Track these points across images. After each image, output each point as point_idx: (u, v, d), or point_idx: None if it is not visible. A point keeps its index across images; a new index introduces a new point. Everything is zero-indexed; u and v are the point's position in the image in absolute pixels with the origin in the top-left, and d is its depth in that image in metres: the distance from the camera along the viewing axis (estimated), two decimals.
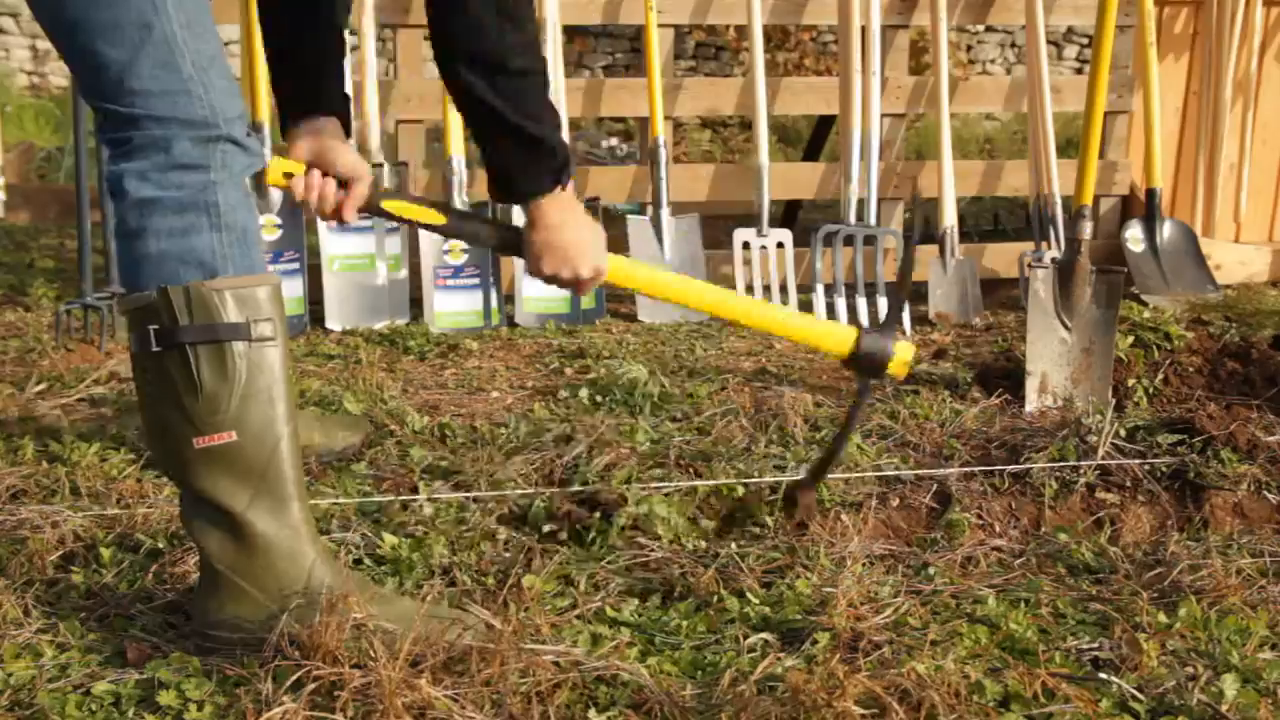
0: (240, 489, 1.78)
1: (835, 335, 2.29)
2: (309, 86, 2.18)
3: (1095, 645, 1.89)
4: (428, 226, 2.20)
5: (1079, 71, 10.56)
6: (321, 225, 4.01)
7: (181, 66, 1.75)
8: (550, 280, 2.18)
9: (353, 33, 4.12)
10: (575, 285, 2.18)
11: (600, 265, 2.17)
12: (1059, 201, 4.43)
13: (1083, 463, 2.52)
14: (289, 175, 2.11)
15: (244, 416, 1.77)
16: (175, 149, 1.76)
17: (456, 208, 2.27)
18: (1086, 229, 3.21)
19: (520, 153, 2.04)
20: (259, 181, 2.34)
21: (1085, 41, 10.79)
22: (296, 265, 4.00)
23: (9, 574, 2.02)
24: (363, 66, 4.11)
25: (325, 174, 2.11)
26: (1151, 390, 3.15)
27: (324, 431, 2.64)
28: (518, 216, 2.19)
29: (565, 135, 2.05)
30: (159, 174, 1.76)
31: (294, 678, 1.64)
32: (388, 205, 2.19)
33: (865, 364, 2.27)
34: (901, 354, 2.26)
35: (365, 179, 2.13)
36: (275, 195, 3.93)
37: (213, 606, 1.82)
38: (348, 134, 2.19)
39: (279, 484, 1.80)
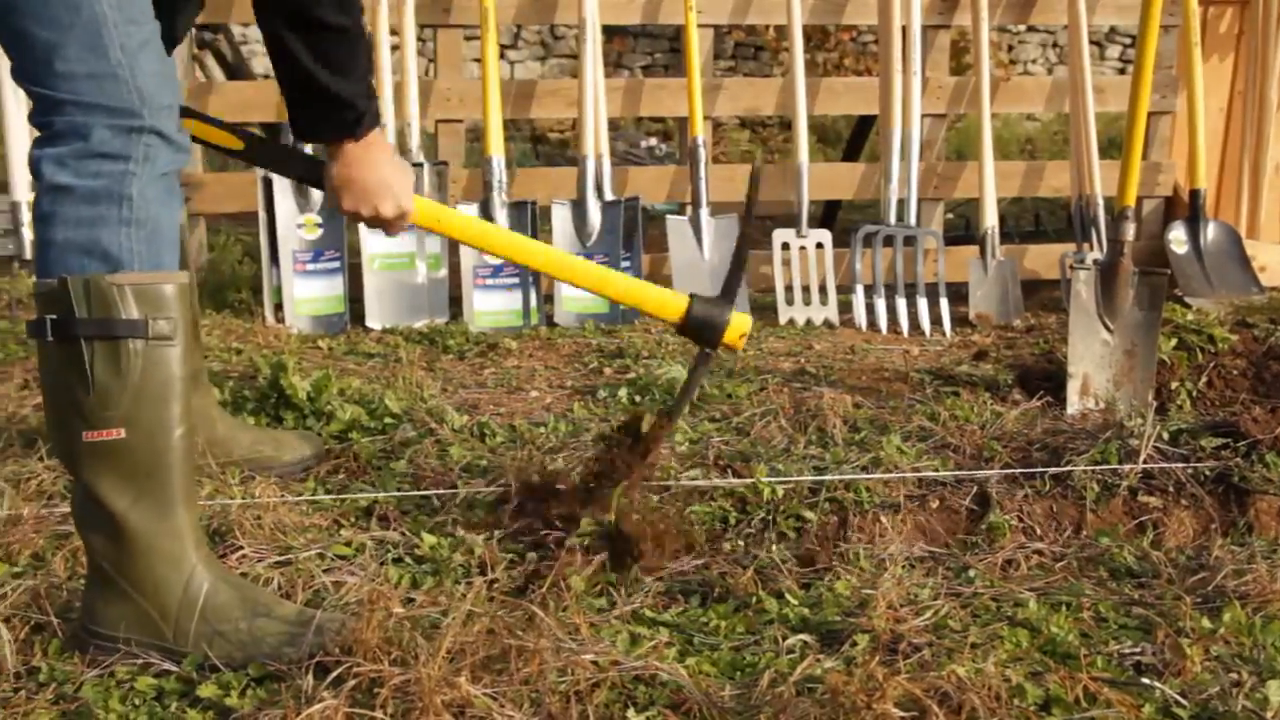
0: (125, 487, 1.76)
1: (665, 302, 2.24)
2: None
3: (1138, 650, 1.87)
4: (226, 151, 2.17)
5: (1121, 72, 10.49)
6: (362, 225, 4.02)
7: (109, 50, 1.71)
8: (353, 217, 2.17)
9: (394, 33, 4.15)
10: (380, 224, 2.18)
11: (404, 205, 2.16)
12: (1101, 202, 4.40)
13: (1125, 466, 2.50)
14: None
15: (135, 415, 1.74)
16: (94, 137, 1.72)
17: (256, 135, 2.25)
18: (1129, 230, 3.19)
19: (313, 103, 2.02)
20: None
21: (1128, 41, 10.71)
22: (337, 264, 4.02)
23: (53, 570, 2.04)
24: (403, 66, 4.13)
25: None
26: (1195, 393, 3.13)
27: (275, 445, 2.62)
28: None
29: (371, 91, 2.06)
30: (76, 161, 1.72)
31: (334, 674, 1.65)
32: (187, 125, 2.11)
33: (699, 332, 2.23)
34: (738, 325, 2.22)
35: None
36: (315, 195, 3.95)
37: (97, 604, 1.81)
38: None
39: (165, 486, 1.78)
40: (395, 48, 4.16)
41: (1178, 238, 4.56)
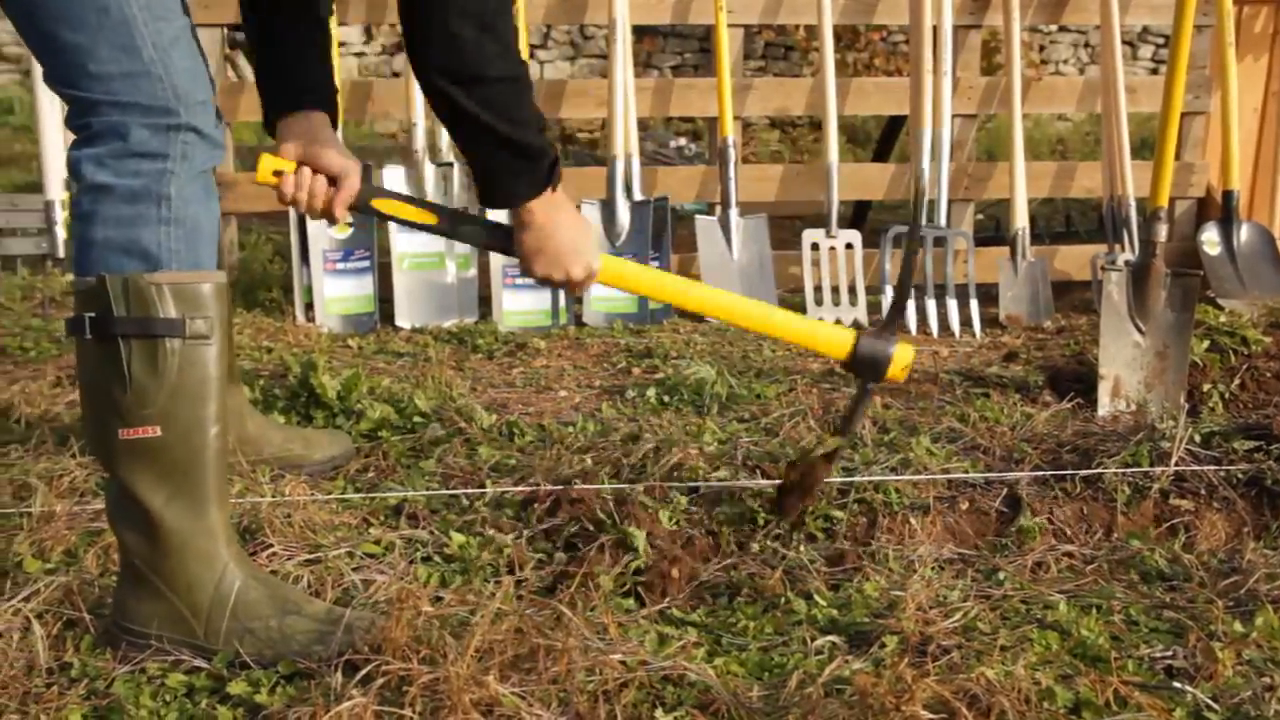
0: (160, 485, 1.77)
1: (833, 338, 2.24)
2: (292, 81, 2.16)
3: (1169, 653, 1.86)
4: (419, 226, 2.18)
5: (1154, 72, 10.42)
6: (392, 224, 4.03)
7: (142, 49, 1.71)
8: (543, 282, 2.16)
9: None
10: (568, 286, 2.17)
11: (591, 265, 2.14)
12: (1133, 203, 4.37)
13: (1156, 468, 2.49)
14: (279, 173, 2.09)
15: (171, 413, 1.75)
16: (133, 136, 1.72)
17: (448, 208, 2.27)
18: (1161, 231, 3.17)
19: (504, 160, 2.00)
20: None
21: (1160, 41, 10.65)
22: (367, 263, 4.04)
23: (85, 566, 2.05)
24: None
25: (315, 171, 2.09)
26: (1227, 395, 3.10)
27: (305, 443, 2.62)
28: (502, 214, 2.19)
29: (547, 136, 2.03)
30: (115, 161, 1.73)
31: (363, 672, 1.66)
32: (378, 204, 2.16)
33: (864, 367, 2.23)
34: (901, 357, 2.22)
35: (355, 176, 2.11)
36: None
37: (130, 601, 1.82)
38: (335, 127, 2.17)
39: (199, 484, 1.79)
40: None
41: (1210, 239, 4.52)
